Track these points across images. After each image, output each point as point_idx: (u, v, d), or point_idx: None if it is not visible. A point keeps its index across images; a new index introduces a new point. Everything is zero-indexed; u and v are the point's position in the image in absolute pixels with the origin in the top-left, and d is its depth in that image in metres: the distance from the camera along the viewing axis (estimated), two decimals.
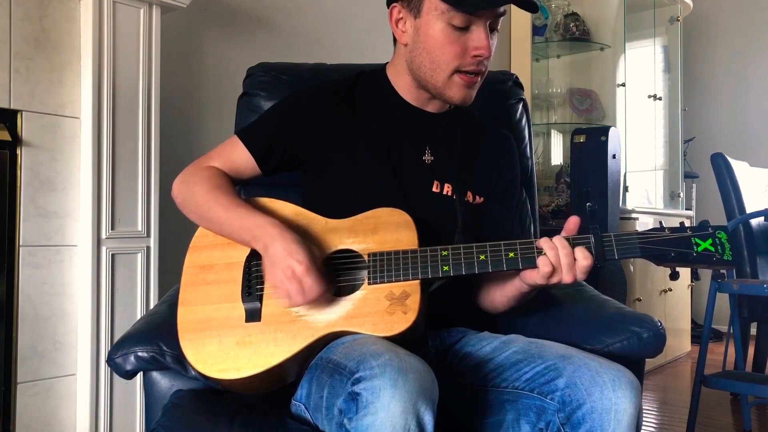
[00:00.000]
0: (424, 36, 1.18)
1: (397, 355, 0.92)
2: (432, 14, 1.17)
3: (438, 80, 1.20)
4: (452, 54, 1.17)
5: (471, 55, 1.17)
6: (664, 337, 1.19)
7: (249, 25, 2.52)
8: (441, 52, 1.17)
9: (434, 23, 1.17)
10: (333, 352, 1.03)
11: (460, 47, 1.17)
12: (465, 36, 1.17)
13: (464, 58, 1.18)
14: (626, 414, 0.96)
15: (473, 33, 1.16)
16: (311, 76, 1.66)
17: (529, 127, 1.71)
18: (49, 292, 1.80)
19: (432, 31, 1.17)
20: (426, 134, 1.29)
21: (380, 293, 1.08)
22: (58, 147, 1.81)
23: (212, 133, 2.36)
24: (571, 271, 1.06)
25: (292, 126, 1.27)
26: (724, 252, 1.05)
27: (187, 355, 1.11)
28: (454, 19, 1.15)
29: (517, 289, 1.17)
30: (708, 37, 4.82)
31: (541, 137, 3.97)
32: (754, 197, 3.06)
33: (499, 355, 1.13)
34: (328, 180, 1.27)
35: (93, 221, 1.82)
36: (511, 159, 1.37)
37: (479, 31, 1.16)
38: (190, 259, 1.20)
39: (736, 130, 4.71)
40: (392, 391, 0.87)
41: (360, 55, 2.28)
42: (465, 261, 1.09)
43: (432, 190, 1.26)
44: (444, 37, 1.16)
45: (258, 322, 1.10)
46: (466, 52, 1.17)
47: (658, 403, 3.02)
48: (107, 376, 1.83)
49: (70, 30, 1.84)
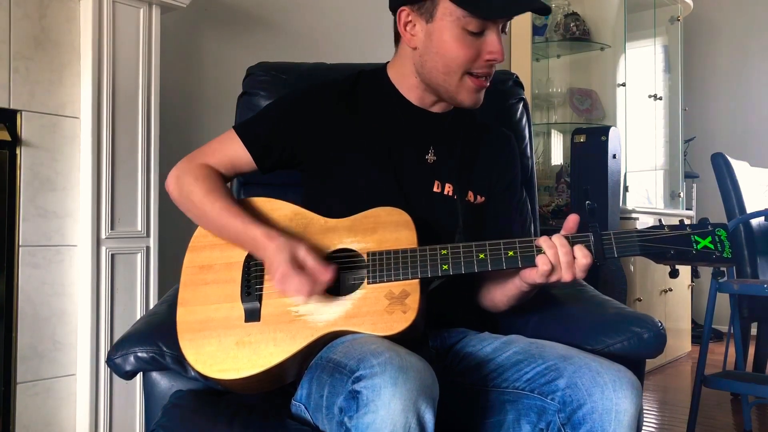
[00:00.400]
0: (438, 41, 1.19)
1: (398, 353, 0.92)
2: (447, 19, 1.17)
3: (451, 84, 1.21)
4: (467, 58, 1.18)
5: (485, 59, 1.19)
6: (664, 338, 1.19)
7: (249, 25, 2.52)
8: (455, 56, 1.18)
9: (449, 28, 1.17)
10: (333, 352, 1.03)
11: (474, 51, 1.18)
12: (479, 40, 1.17)
13: (478, 62, 1.19)
14: (627, 414, 0.96)
15: (487, 37, 1.17)
16: (311, 75, 1.66)
17: (530, 127, 1.71)
18: (48, 292, 1.80)
19: (446, 36, 1.17)
20: (429, 134, 1.29)
21: (380, 292, 1.08)
22: (58, 147, 1.81)
23: (212, 132, 2.33)
24: (570, 269, 1.06)
25: (291, 124, 1.27)
26: (724, 249, 1.05)
27: (187, 355, 1.11)
28: (470, 24, 1.16)
29: (518, 288, 1.17)
30: (708, 37, 4.81)
31: (541, 137, 3.97)
32: (754, 197, 3.06)
33: (499, 355, 1.13)
34: (328, 179, 1.27)
35: (93, 221, 1.82)
36: (512, 159, 1.37)
37: (493, 36, 1.17)
38: (189, 259, 1.19)
39: (736, 130, 4.71)
40: (393, 389, 0.87)
41: (360, 55, 2.28)
42: (464, 260, 1.09)
43: (433, 190, 1.25)
44: (459, 42, 1.17)
45: (257, 322, 1.10)
46: (480, 56, 1.18)
47: (658, 403, 3.02)
48: (107, 376, 1.83)
49: (70, 30, 1.83)
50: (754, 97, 4.70)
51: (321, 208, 1.19)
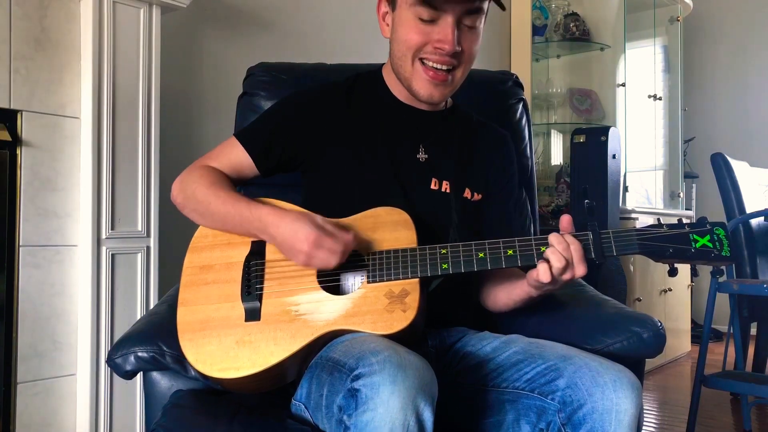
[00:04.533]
0: (397, 27, 1.22)
1: (397, 351, 0.93)
2: (404, 7, 1.21)
3: (406, 70, 1.23)
4: (415, 42, 1.20)
5: (433, 47, 1.19)
6: (664, 337, 1.19)
7: (249, 25, 2.52)
8: (405, 39, 1.21)
9: (405, 15, 1.20)
10: (332, 351, 1.03)
11: (424, 38, 1.19)
12: (431, 28, 1.19)
13: (426, 47, 1.20)
14: (627, 414, 0.96)
15: (439, 26, 1.19)
16: (311, 76, 1.66)
17: (529, 127, 1.71)
18: (49, 292, 1.80)
19: (401, 22, 1.21)
20: (419, 132, 1.30)
21: (379, 292, 1.08)
22: (58, 147, 1.81)
23: (212, 133, 2.36)
24: (583, 263, 1.07)
25: (290, 126, 1.28)
26: (722, 248, 1.06)
27: (187, 355, 1.11)
28: (422, 13, 1.18)
29: (526, 293, 1.17)
30: (708, 37, 4.82)
31: (541, 137, 3.97)
32: (754, 197, 3.06)
33: (499, 355, 1.13)
34: (326, 179, 1.28)
35: (93, 221, 1.82)
36: (508, 157, 1.38)
37: (445, 25, 1.18)
38: (190, 260, 1.20)
39: (736, 130, 4.71)
40: (391, 387, 0.87)
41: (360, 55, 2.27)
42: (464, 259, 1.09)
43: (431, 188, 1.26)
44: (410, 28, 1.20)
45: (257, 322, 1.10)
46: (429, 44, 1.19)
47: (658, 403, 3.02)
48: (107, 376, 1.83)
49: (70, 30, 1.84)
50: (754, 97, 4.70)
51: (321, 208, 1.20)
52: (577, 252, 1.06)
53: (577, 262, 1.06)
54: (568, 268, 1.07)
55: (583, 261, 1.07)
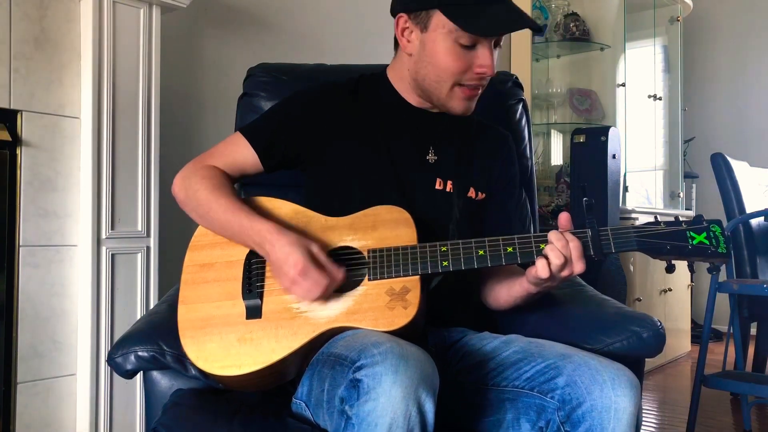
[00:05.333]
0: (431, 51, 1.20)
1: (398, 343, 0.93)
2: (439, 31, 1.19)
3: (441, 93, 1.23)
4: (456, 69, 1.20)
5: (475, 72, 1.20)
6: (663, 337, 1.19)
7: (249, 25, 2.52)
8: (446, 67, 1.20)
9: (441, 40, 1.19)
10: (334, 347, 1.03)
11: (465, 64, 1.19)
12: (470, 54, 1.19)
13: (468, 74, 1.20)
14: (626, 412, 0.97)
15: (478, 51, 1.19)
16: (311, 76, 1.66)
17: (529, 128, 1.71)
18: (49, 292, 1.80)
19: (438, 48, 1.19)
20: (429, 133, 1.30)
21: (380, 289, 1.08)
22: (58, 147, 1.81)
23: (212, 133, 2.36)
24: (582, 260, 1.08)
25: (294, 123, 1.29)
26: (719, 245, 1.07)
27: (189, 353, 1.11)
28: (462, 38, 1.17)
29: (525, 290, 1.18)
30: (708, 37, 4.82)
31: (541, 137, 3.97)
32: (754, 197, 3.06)
33: (499, 354, 1.13)
34: (329, 178, 1.28)
35: (93, 221, 1.82)
36: (509, 157, 1.39)
37: (484, 51, 1.19)
38: (190, 258, 1.20)
39: (736, 130, 4.71)
40: (393, 377, 0.88)
41: (360, 55, 2.28)
42: (464, 256, 1.09)
43: (435, 188, 1.27)
44: (450, 54, 1.19)
45: (259, 319, 1.10)
46: (470, 69, 1.20)
47: (658, 403, 3.02)
48: (107, 376, 1.83)
49: (70, 30, 1.84)
50: (754, 97, 4.70)
51: (322, 207, 1.20)
52: (576, 249, 1.07)
53: (576, 259, 1.07)
54: (566, 264, 1.07)
55: (582, 258, 1.08)
